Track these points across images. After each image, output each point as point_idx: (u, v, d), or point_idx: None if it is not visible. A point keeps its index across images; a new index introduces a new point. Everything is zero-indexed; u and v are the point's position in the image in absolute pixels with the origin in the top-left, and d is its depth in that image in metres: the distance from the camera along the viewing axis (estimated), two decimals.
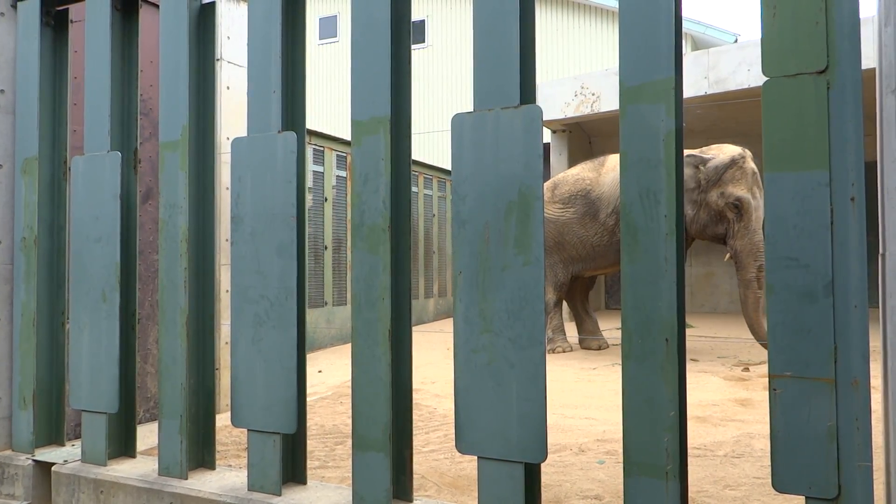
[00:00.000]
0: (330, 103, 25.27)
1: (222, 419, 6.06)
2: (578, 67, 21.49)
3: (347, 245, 12.63)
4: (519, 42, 3.14)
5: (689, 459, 4.98)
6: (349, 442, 5.73)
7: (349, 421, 6.44)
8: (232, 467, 4.50)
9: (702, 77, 13.33)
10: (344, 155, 12.36)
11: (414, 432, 5.86)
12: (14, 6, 4.72)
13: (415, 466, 4.94)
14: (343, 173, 12.41)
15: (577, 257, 10.78)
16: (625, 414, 2.83)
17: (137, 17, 4.46)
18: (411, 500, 3.53)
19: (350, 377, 8.58)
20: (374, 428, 3.41)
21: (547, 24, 22.30)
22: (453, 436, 5.82)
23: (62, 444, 4.84)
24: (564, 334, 11.26)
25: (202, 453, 4.22)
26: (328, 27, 26.63)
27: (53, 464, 4.53)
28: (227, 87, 6.21)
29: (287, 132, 3.63)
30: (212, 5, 4.21)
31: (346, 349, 11.80)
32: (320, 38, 26.44)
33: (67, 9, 4.77)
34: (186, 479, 4.04)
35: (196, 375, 4.14)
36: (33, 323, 4.66)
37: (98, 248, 4.32)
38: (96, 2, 4.36)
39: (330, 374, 9.11)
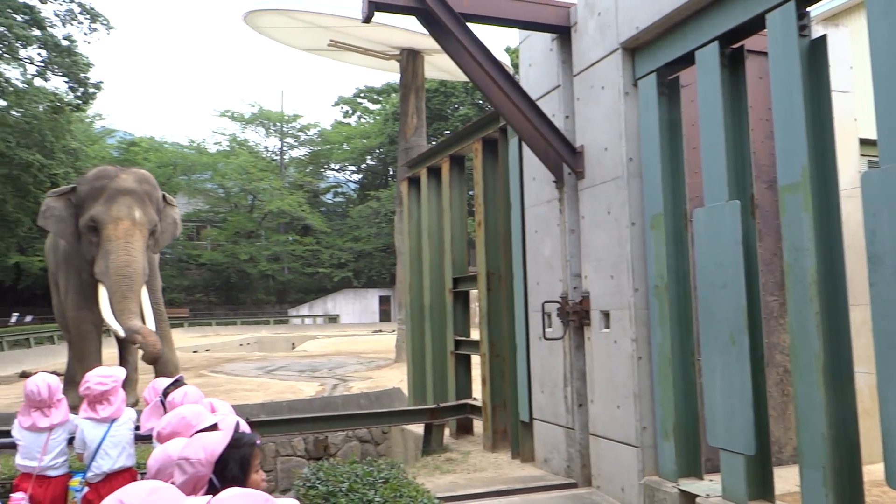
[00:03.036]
0: None
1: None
2: None
3: None
4: None
5: None
6: None
7: None
8: None
9: None
10: None
11: None
12: (635, 84, 5.44)
13: None
14: None
15: None
16: None
17: (743, 69, 4.61)
18: None
19: None
20: None
21: None
22: None
23: (700, 478, 5.16)
24: None
25: None
26: None
27: (696, 496, 4.87)
28: (855, 119, 5.85)
29: None
30: (822, 39, 4.05)
31: None
32: None
33: (678, 76, 5.25)
34: None
35: (836, 425, 3.92)
36: (669, 362, 5.15)
37: (723, 293, 4.53)
38: (706, 64, 4.68)
39: None
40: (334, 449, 10.46)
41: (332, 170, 56.92)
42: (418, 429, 8.83)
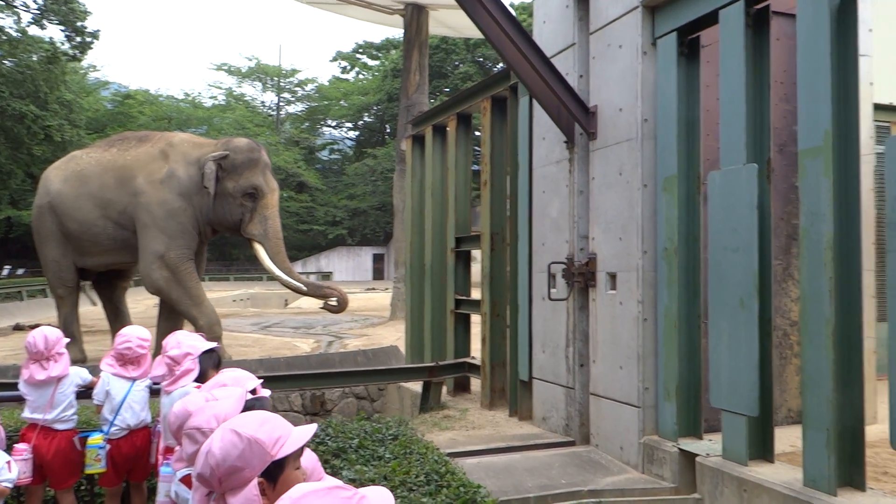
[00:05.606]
0: None
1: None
2: None
3: None
4: None
5: None
6: None
7: None
8: (882, 492, 4.15)
9: None
10: None
11: None
12: (654, 43, 5.35)
13: None
14: None
15: None
16: None
17: (768, 30, 4.54)
18: None
19: None
20: None
21: None
22: None
23: (699, 438, 5.23)
24: None
25: (849, 471, 4.01)
26: None
27: (696, 455, 4.94)
28: (871, 83, 5.79)
29: None
30: (852, 0, 3.98)
31: None
32: None
33: (699, 36, 5.17)
34: (835, 495, 3.90)
35: (842, 389, 3.96)
36: (675, 325, 5.18)
37: (735, 257, 4.53)
38: (729, 23, 4.60)
39: None
40: (330, 405, 10.55)
41: (329, 126, 56.49)
42: (415, 386, 8.90)
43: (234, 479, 1.74)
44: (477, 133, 19.76)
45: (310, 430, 1.82)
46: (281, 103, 55.25)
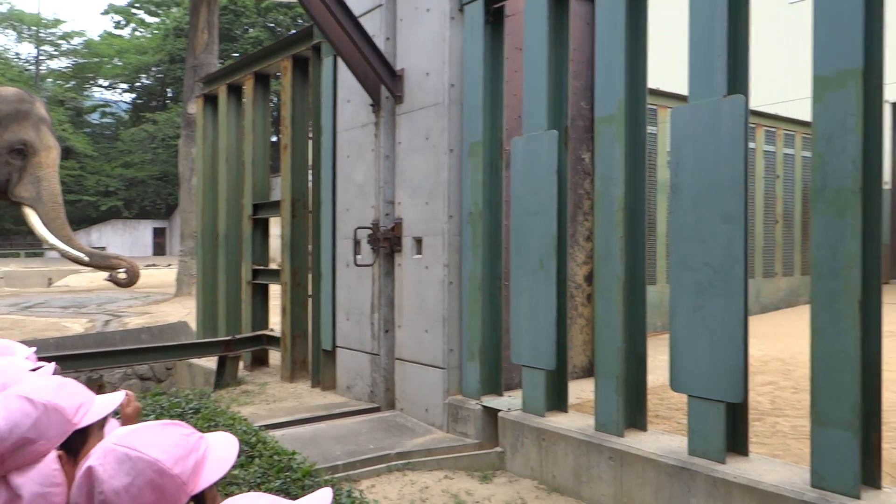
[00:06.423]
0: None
1: None
2: None
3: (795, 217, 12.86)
4: None
5: None
6: (768, 419, 5.47)
7: (759, 398, 6.15)
8: (659, 432, 4.62)
9: None
10: (792, 134, 12.71)
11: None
12: (461, 10, 5.41)
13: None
14: (791, 151, 12.74)
15: None
16: None
17: (568, 6, 4.77)
18: (879, 488, 3.23)
19: (771, 353, 8.19)
20: (839, 405, 3.19)
21: None
22: None
23: (500, 395, 5.48)
24: None
25: (634, 415, 4.41)
26: None
27: (498, 410, 5.17)
28: None
29: (734, 96, 3.55)
30: None
31: (765, 320, 11.19)
32: None
33: (503, 6, 5.31)
34: (622, 436, 4.27)
35: (629, 340, 4.33)
36: (479, 287, 5.34)
37: (535, 220, 4.76)
38: None
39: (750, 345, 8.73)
40: (110, 388, 9.63)
41: (101, 87, 51.10)
42: (208, 363, 8.40)
43: (24, 454, 1.44)
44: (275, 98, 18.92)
45: (117, 397, 1.57)
46: (41, 57, 49.00)
